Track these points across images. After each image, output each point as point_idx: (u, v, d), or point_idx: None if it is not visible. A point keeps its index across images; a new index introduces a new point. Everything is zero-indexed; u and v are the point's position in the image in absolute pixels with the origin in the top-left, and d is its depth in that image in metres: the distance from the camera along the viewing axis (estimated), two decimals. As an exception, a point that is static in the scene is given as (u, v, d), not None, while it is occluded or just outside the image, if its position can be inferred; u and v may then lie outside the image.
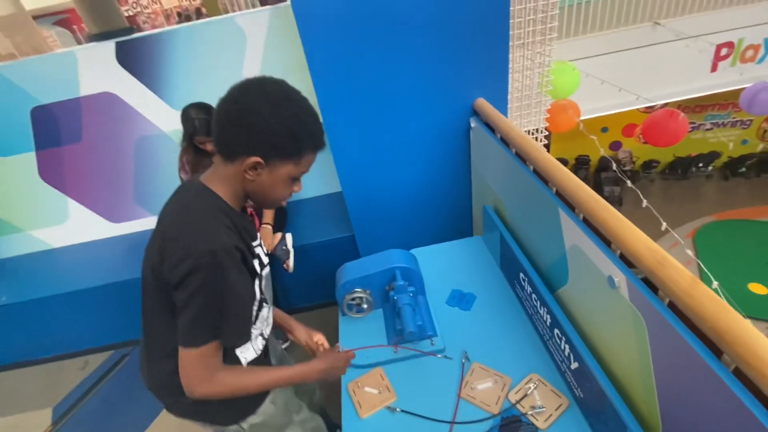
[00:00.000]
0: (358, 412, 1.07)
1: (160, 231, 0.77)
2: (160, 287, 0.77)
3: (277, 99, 0.73)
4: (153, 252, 0.77)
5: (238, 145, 0.74)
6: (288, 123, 0.73)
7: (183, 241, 0.72)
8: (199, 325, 0.74)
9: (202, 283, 0.71)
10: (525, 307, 1.25)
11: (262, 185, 0.79)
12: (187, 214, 0.76)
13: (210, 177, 0.81)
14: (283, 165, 0.77)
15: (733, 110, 5.08)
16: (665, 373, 0.71)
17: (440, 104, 1.59)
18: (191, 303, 0.72)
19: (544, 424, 0.96)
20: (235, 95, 0.73)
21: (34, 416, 2.10)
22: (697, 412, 0.64)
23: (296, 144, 0.76)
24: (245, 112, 0.71)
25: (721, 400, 0.58)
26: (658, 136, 2.74)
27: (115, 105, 2.17)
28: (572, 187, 0.92)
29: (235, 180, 0.79)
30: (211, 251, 0.71)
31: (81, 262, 2.41)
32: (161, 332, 0.83)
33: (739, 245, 4.08)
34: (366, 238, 1.95)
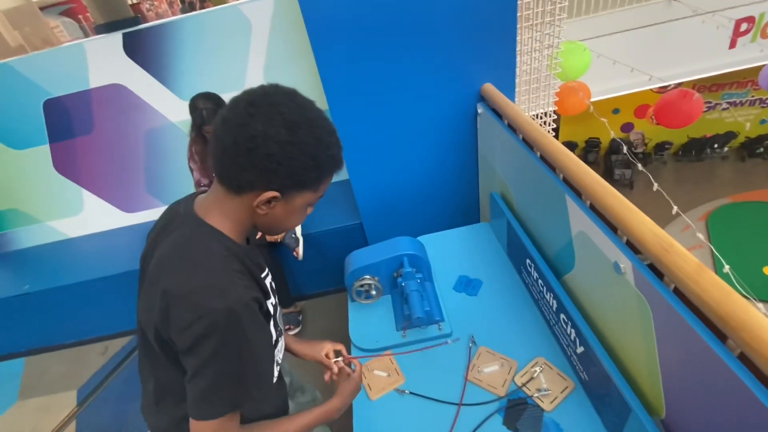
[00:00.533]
0: (368, 394, 1.11)
1: (159, 285, 0.63)
2: (165, 347, 0.67)
3: (294, 120, 0.59)
4: (152, 310, 0.64)
5: (249, 178, 0.61)
6: (309, 150, 0.61)
7: (192, 300, 0.60)
8: (216, 396, 0.64)
9: (217, 348, 0.60)
10: (531, 292, 1.26)
11: (274, 218, 0.68)
12: (192, 265, 0.63)
13: (209, 210, 0.67)
14: (300, 195, 0.66)
15: (753, 88, 4.91)
16: (670, 358, 0.72)
17: (447, 90, 1.57)
18: (204, 372, 0.62)
19: (549, 406, 0.98)
20: (242, 116, 0.59)
21: (60, 398, 2.21)
22: (701, 396, 0.65)
23: (317, 172, 0.65)
24: (258, 140, 0.58)
25: (725, 385, 0.58)
26: (671, 118, 2.67)
27: (124, 96, 2.19)
28: (579, 173, 0.91)
29: (242, 214, 0.67)
30: (228, 309, 0.60)
31: (98, 251, 2.48)
32: (169, 379, 0.73)
33: (754, 228, 4.00)
34: (374, 225, 1.96)
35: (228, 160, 0.61)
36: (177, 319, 0.61)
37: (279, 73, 2.12)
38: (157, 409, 0.80)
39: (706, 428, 0.66)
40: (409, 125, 1.65)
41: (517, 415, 0.98)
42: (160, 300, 0.62)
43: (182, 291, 0.61)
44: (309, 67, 2.05)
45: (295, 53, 2.06)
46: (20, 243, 2.65)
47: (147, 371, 0.80)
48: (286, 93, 0.62)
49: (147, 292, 0.67)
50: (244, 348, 0.63)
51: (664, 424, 0.77)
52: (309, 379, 1.25)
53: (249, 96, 0.60)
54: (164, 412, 0.80)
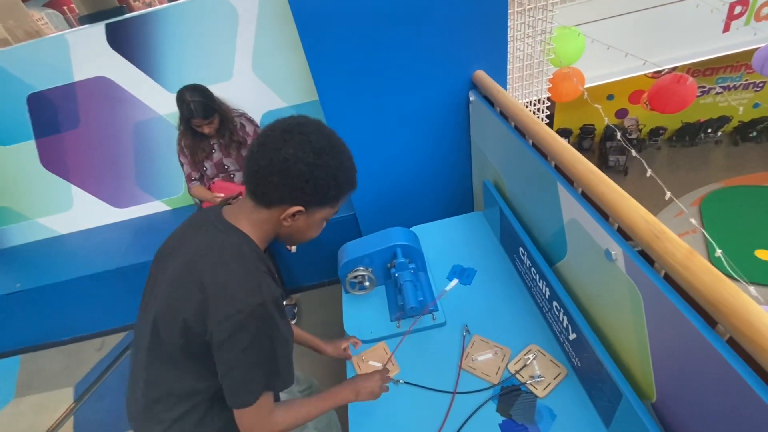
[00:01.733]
0: None
1: (196, 279, 0.71)
2: (190, 338, 0.73)
3: (321, 147, 0.71)
4: (185, 303, 0.71)
5: (280, 194, 0.72)
6: (332, 171, 0.73)
7: (231, 294, 0.68)
8: (254, 381, 0.73)
9: (253, 338, 0.69)
10: (524, 280, 1.26)
11: (297, 229, 0.79)
12: (229, 263, 0.71)
13: (239, 219, 0.77)
14: (321, 210, 0.77)
15: (746, 72, 4.90)
16: (660, 343, 0.72)
17: (438, 78, 1.55)
18: (242, 360, 0.70)
19: (542, 392, 0.99)
20: (277, 142, 0.69)
21: (57, 394, 2.21)
22: (690, 380, 0.66)
23: (337, 192, 0.76)
24: (290, 162, 0.69)
25: (714, 369, 0.59)
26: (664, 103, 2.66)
27: (109, 89, 2.15)
28: (571, 161, 0.91)
29: (268, 225, 0.77)
30: (261, 304, 0.69)
31: (90, 247, 2.46)
32: (171, 380, 0.79)
33: (747, 212, 4.03)
34: (367, 216, 1.95)
35: (262, 178, 0.71)
36: (216, 311, 0.68)
37: (268, 63, 2.08)
38: (148, 414, 0.81)
39: (695, 412, 0.67)
40: (400, 114, 1.63)
41: (511, 401, 0.99)
42: (198, 293, 0.70)
43: (222, 285, 0.69)
44: (298, 57, 2.01)
45: (284, 43, 2.01)
46: (9, 241, 2.62)
47: (142, 370, 0.81)
48: (315, 124, 0.74)
49: (178, 286, 0.73)
50: (275, 337, 0.72)
51: (655, 408, 0.78)
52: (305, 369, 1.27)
53: (283, 125, 0.72)
54: (155, 419, 0.81)
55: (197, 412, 0.81)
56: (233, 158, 1.88)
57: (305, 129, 0.71)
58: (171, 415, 0.79)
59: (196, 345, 0.74)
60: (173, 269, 0.76)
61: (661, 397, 0.76)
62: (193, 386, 0.79)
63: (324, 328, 2.15)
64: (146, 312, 0.81)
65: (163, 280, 0.77)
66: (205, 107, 1.71)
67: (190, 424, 0.81)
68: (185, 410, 0.80)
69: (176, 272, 0.75)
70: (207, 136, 1.83)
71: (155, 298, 0.78)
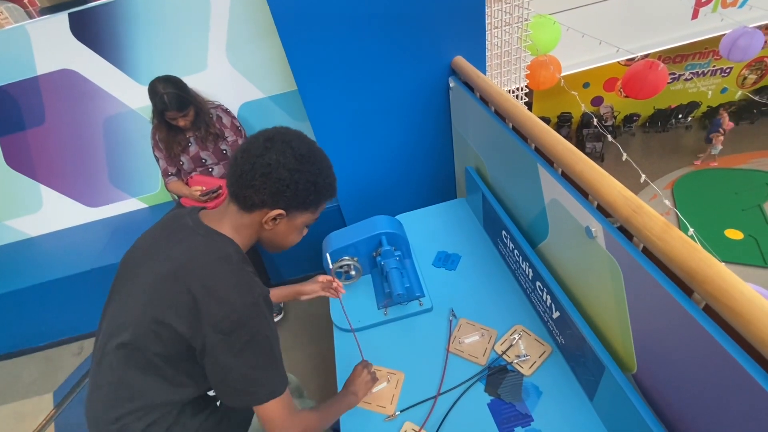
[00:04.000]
0: None
1: (184, 285, 0.70)
2: (172, 346, 0.72)
3: (302, 154, 0.74)
4: (171, 308, 0.70)
5: (261, 198, 0.74)
6: (312, 178, 0.76)
7: (223, 296, 0.69)
8: (258, 379, 0.73)
9: (251, 336, 0.70)
10: (508, 263, 1.28)
11: (277, 234, 0.81)
12: (217, 267, 0.72)
13: (222, 222, 0.78)
14: (301, 215, 0.80)
15: (714, 58, 5.07)
16: (640, 316, 0.74)
17: (418, 64, 1.54)
18: (242, 359, 0.70)
19: (528, 370, 1.01)
20: (258, 149, 0.73)
21: (36, 402, 2.13)
22: (669, 349, 0.68)
23: (317, 197, 0.79)
24: (272, 167, 0.72)
25: (691, 336, 0.61)
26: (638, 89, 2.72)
27: (76, 82, 2.05)
28: (550, 142, 0.92)
29: (250, 229, 0.79)
30: (254, 303, 0.71)
31: (63, 249, 2.36)
32: (146, 390, 0.76)
33: (716, 193, 4.20)
34: (351, 207, 1.94)
35: (245, 183, 0.73)
36: (208, 316, 0.69)
37: (243, 52, 2.02)
38: (115, 425, 0.77)
39: (674, 379, 0.69)
40: (381, 102, 1.61)
41: (498, 381, 1.01)
42: (187, 299, 0.69)
43: (212, 289, 0.70)
44: (274, 45, 1.96)
45: (259, 31, 1.96)
46: (-24, 245, 2.50)
47: (111, 379, 0.77)
48: (296, 134, 0.77)
49: (161, 293, 0.72)
50: (269, 335, 0.73)
51: (636, 378, 0.81)
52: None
53: (266, 134, 0.75)
54: (123, 429, 0.77)
55: (168, 418, 0.79)
56: (210, 151, 1.83)
57: (287, 137, 0.75)
58: (141, 424, 0.77)
59: (179, 352, 0.73)
60: (153, 277, 0.74)
61: (642, 368, 0.79)
62: (168, 394, 0.78)
63: (311, 321, 2.14)
64: (115, 319, 0.78)
65: (139, 287, 0.75)
66: (179, 99, 1.65)
67: (160, 431, 0.78)
68: (156, 418, 0.78)
69: (157, 280, 0.73)
70: (182, 129, 1.78)
71: (129, 305, 0.75)
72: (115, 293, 0.82)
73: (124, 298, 0.78)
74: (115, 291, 0.82)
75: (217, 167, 1.87)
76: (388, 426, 0.98)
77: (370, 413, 1.01)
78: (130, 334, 0.73)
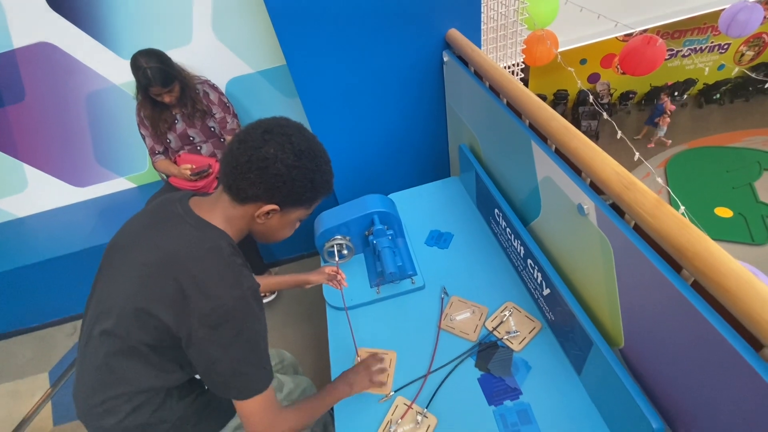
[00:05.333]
0: None
1: (171, 277, 0.68)
2: (159, 336, 0.72)
3: (301, 149, 0.71)
4: (159, 301, 0.69)
5: (255, 191, 0.72)
6: (310, 174, 0.73)
7: (211, 290, 0.68)
8: (244, 373, 0.72)
9: (238, 330, 0.69)
10: (500, 241, 1.28)
11: (270, 227, 0.79)
12: (206, 259, 0.70)
13: (213, 213, 0.76)
14: (295, 210, 0.78)
15: (713, 34, 4.99)
16: (629, 292, 0.75)
17: (412, 37, 1.48)
18: (228, 353, 0.69)
19: (518, 346, 1.02)
20: (257, 140, 0.70)
21: (31, 381, 2.15)
22: (657, 325, 0.69)
23: (313, 194, 0.77)
24: (269, 161, 0.69)
25: (679, 312, 0.61)
26: (635, 65, 2.68)
27: (55, 57, 1.96)
28: (545, 118, 0.90)
29: (242, 221, 0.77)
30: (242, 297, 0.69)
31: (52, 229, 2.32)
32: (132, 375, 0.76)
33: (708, 172, 4.21)
34: (343, 185, 1.91)
35: (239, 175, 0.70)
36: (196, 309, 0.67)
37: (230, 25, 1.94)
38: (101, 407, 0.78)
39: (661, 353, 0.70)
40: (373, 76, 1.57)
41: (488, 357, 1.02)
42: (175, 291, 0.68)
43: (201, 282, 0.68)
44: (262, 17, 1.88)
45: (245, 4, 1.87)
46: (-39, 227, 2.45)
47: (98, 364, 0.77)
48: (296, 126, 0.74)
49: (149, 284, 0.70)
50: (258, 329, 0.72)
51: (623, 353, 0.82)
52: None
53: (265, 125, 0.72)
54: (109, 411, 0.78)
55: (154, 401, 0.80)
56: (198, 129, 1.78)
57: (287, 130, 0.72)
58: (126, 407, 0.77)
59: (165, 341, 0.72)
60: (140, 265, 0.72)
61: (629, 343, 0.80)
62: (154, 380, 0.78)
63: (304, 301, 2.15)
64: (100, 305, 0.77)
65: (125, 275, 0.74)
66: (163, 74, 1.59)
67: (146, 414, 0.79)
68: (142, 401, 0.78)
69: (144, 269, 0.71)
70: (168, 105, 1.72)
71: (114, 293, 0.75)
72: (100, 278, 0.81)
73: (110, 284, 0.77)
74: (100, 276, 0.81)
75: (205, 145, 1.83)
76: (382, 405, 0.99)
77: (364, 393, 1.02)
78: (113, 322, 0.73)
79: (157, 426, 0.80)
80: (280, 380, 1.10)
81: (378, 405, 0.99)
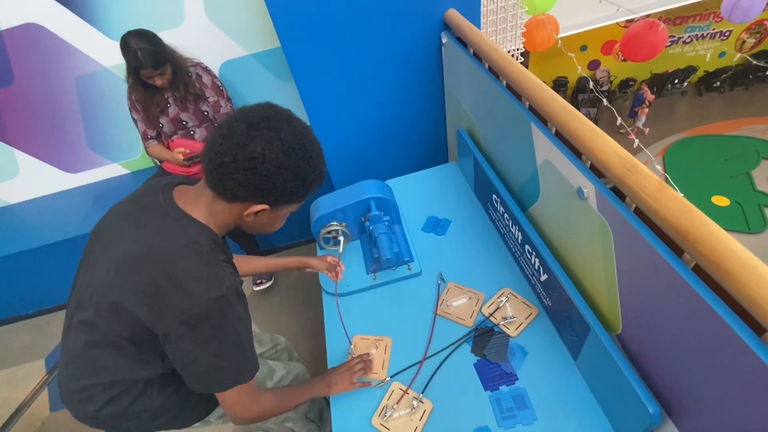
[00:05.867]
0: None
1: (148, 274, 0.66)
2: (136, 331, 0.70)
3: (291, 146, 0.66)
4: (135, 296, 0.67)
5: (244, 193, 0.68)
6: (302, 172, 0.69)
7: (186, 290, 0.65)
8: (223, 370, 0.71)
9: (214, 331, 0.67)
10: (498, 227, 1.27)
11: (259, 223, 0.76)
12: (184, 256, 0.67)
13: (195, 206, 0.72)
14: (287, 207, 0.75)
15: (714, 20, 4.92)
16: (628, 276, 0.74)
17: (410, 18, 1.44)
18: (206, 351, 0.68)
19: (515, 332, 1.02)
20: (242, 137, 0.64)
21: (28, 367, 2.15)
22: (656, 309, 0.68)
23: (305, 191, 0.73)
24: (257, 161, 0.64)
25: (679, 296, 0.60)
26: (636, 50, 2.63)
27: (44, 38, 1.91)
28: (545, 99, 0.87)
29: (229, 216, 0.73)
30: (221, 297, 0.66)
31: (46, 216, 2.29)
32: (111, 366, 0.75)
33: (706, 160, 4.19)
34: (339, 172, 1.89)
35: (226, 175, 0.66)
36: (172, 307, 0.65)
37: (222, 7, 1.88)
38: (81, 395, 0.78)
39: (659, 338, 0.69)
40: (370, 58, 1.53)
41: (485, 342, 1.02)
42: (152, 288, 0.66)
43: (178, 280, 0.65)
44: (257, 4, 1.83)
45: (239, -18, 1.82)
46: (-48, 214, 2.41)
47: (78, 352, 0.76)
48: (284, 118, 0.68)
49: (126, 278, 0.68)
50: (237, 325, 0.70)
51: (620, 338, 0.82)
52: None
53: (250, 117, 0.66)
54: (89, 399, 0.78)
55: (133, 391, 0.79)
56: (191, 113, 1.74)
57: (274, 124, 0.66)
58: (106, 396, 0.77)
59: (144, 335, 0.71)
60: (118, 257, 0.70)
61: (627, 328, 0.79)
62: (132, 371, 0.77)
63: (301, 287, 2.15)
64: (80, 294, 0.75)
65: (104, 265, 0.72)
66: (154, 55, 1.55)
67: (124, 403, 0.79)
68: (120, 391, 0.78)
69: (123, 262, 0.69)
70: (160, 89, 1.68)
71: (93, 283, 0.73)
72: (83, 266, 0.79)
73: (89, 274, 0.75)
74: (83, 263, 0.80)
75: (198, 130, 1.79)
76: (378, 390, 0.99)
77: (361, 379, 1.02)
78: (91, 314, 0.72)
79: (138, 414, 0.81)
80: (272, 367, 1.10)
81: (374, 390, 0.99)
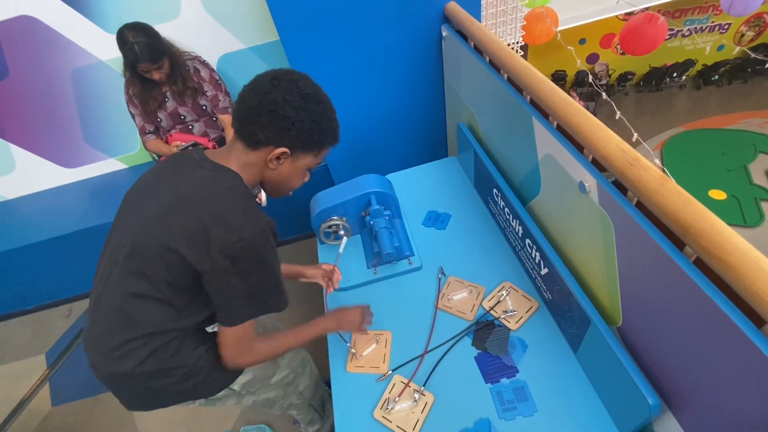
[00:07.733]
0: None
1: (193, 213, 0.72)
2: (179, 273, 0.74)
3: (307, 93, 0.76)
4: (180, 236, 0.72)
5: (267, 134, 0.76)
6: (317, 118, 0.78)
7: (231, 225, 0.72)
8: (250, 303, 0.78)
9: (257, 262, 0.74)
10: (498, 221, 1.27)
11: (281, 174, 0.83)
12: (226, 197, 0.75)
13: (229, 159, 0.80)
14: (304, 156, 0.82)
15: (714, 13, 4.90)
16: (629, 269, 0.74)
17: (409, 10, 1.43)
18: (243, 284, 0.74)
19: (515, 325, 1.03)
20: (265, 86, 0.75)
21: (29, 362, 2.15)
22: (656, 302, 0.68)
23: (320, 138, 0.81)
24: (278, 104, 0.74)
25: (680, 290, 0.61)
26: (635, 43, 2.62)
27: (38, 31, 1.88)
28: (546, 92, 0.87)
29: (255, 168, 0.81)
30: (262, 231, 0.73)
31: (43, 211, 2.28)
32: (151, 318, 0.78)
33: (703, 154, 4.20)
34: (339, 165, 1.89)
35: (251, 119, 0.76)
36: (218, 242, 0.71)
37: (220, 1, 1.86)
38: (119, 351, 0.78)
39: (659, 331, 0.70)
40: (369, 51, 1.52)
41: (485, 336, 1.02)
42: (196, 225, 0.72)
43: (222, 216, 0.72)
44: (255, -8, 1.82)
45: (237, -26, 1.80)
46: (-51, 210, 2.39)
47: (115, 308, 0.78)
48: (303, 74, 0.79)
49: (169, 221, 0.74)
50: (274, 262, 0.77)
51: (620, 331, 0.82)
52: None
53: (274, 72, 0.77)
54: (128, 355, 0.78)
55: (172, 346, 0.81)
56: (189, 107, 1.73)
57: (294, 77, 0.77)
58: (145, 350, 0.79)
59: (186, 280, 0.75)
60: (162, 206, 0.76)
61: (627, 321, 0.80)
62: (173, 322, 0.79)
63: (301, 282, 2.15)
64: (120, 249, 0.78)
65: (143, 217, 0.77)
66: (151, 49, 1.53)
67: (163, 358, 0.80)
68: (160, 344, 0.79)
69: (167, 209, 0.75)
70: (157, 83, 1.67)
71: (133, 235, 0.77)
72: (117, 226, 0.83)
73: (129, 228, 0.79)
74: (117, 224, 0.84)
75: (197, 124, 1.78)
76: (380, 384, 1.00)
77: (362, 375, 1.02)
78: (136, 263, 0.75)
79: (174, 370, 0.82)
80: None
81: (376, 384, 1.00)
